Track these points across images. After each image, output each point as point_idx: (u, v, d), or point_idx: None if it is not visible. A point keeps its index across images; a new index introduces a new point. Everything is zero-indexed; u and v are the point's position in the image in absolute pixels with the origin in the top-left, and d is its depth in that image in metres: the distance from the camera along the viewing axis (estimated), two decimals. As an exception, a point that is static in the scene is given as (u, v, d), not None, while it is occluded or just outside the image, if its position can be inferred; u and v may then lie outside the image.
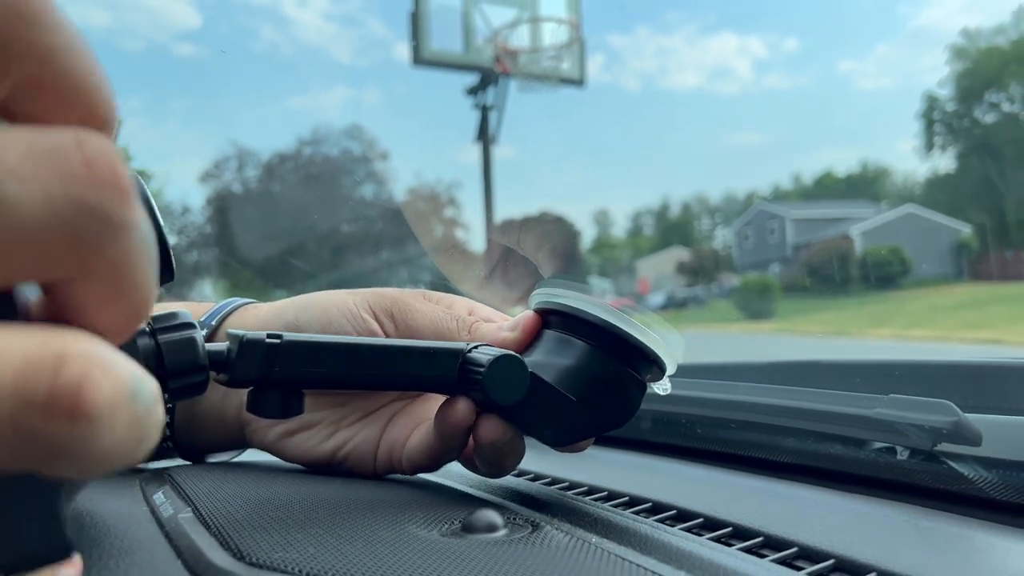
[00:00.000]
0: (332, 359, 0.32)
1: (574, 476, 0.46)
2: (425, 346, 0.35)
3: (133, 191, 0.15)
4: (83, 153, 0.15)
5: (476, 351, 0.35)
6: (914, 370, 0.51)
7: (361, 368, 0.33)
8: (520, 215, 23.55)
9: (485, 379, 0.33)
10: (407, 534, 0.30)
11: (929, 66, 68.03)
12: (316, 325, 0.42)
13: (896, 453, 0.42)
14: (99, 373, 0.14)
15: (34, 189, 0.14)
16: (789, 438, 0.47)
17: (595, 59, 77.74)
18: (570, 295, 0.37)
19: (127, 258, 0.15)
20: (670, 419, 0.54)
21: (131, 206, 0.15)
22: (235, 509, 0.32)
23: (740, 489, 0.44)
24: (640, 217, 60.18)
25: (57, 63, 0.15)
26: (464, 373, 0.34)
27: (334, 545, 0.28)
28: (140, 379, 0.15)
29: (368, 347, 0.33)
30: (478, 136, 8.28)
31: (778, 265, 27.51)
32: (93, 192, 0.14)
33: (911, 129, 47.30)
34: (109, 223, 0.15)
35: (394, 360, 0.34)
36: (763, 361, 0.62)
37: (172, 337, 0.29)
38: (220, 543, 0.28)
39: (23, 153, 0.14)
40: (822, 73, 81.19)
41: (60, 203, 0.14)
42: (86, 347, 0.14)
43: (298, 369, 0.32)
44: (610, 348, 0.36)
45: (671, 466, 0.51)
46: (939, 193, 35.01)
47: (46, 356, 0.14)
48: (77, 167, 0.14)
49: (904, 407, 0.41)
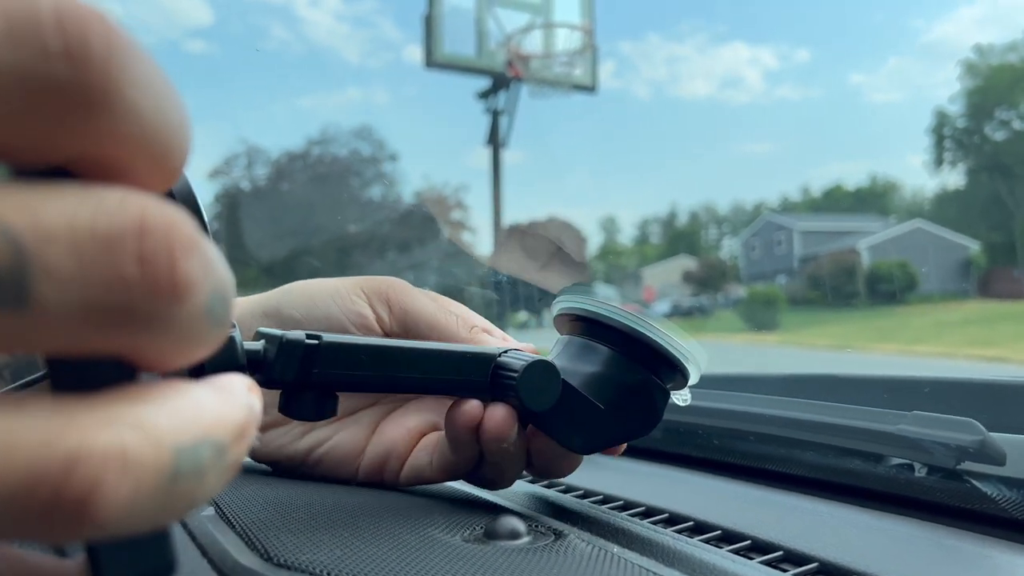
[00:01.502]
0: (369, 361, 0.32)
1: (590, 485, 0.46)
2: (459, 350, 0.35)
3: (193, 278, 0.13)
4: (142, 247, 0.12)
5: (507, 356, 0.34)
6: (934, 387, 0.50)
7: (397, 371, 0.33)
8: (527, 219, 23.58)
9: (519, 384, 0.33)
10: (431, 538, 0.30)
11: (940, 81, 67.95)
12: (299, 309, 0.40)
13: (914, 470, 0.42)
14: (114, 477, 0.12)
15: (70, 291, 0.12)
16: (808, 452, 0.47)
17: (606, 65, 77.88)
18: (595, 301, 0.37)
19: (179, 336, 0.13)
20: (687, 430, 0.54)
21: (187, 300, 0.13)
22: (257, 509, 0.32)
23: (758, 502, 0.44)
24: (647, 225, 60.16)
25: (140, 119, 0.13)
26: (496, 378, 0.34)
27: (359, 548, 0.28)
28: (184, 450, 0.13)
29: (404, 350, 0.33)
30: (488, 140, 8.29)
31: (784, 277, 27.47)
32: (142, 299, 0.12)
33: (921, 144, 47.29)
34: (154, 323, 0.13)
35: (429, 363, 0.34)
36: (780, 374, 0.62)
37: None
38: (246, 543, 0.28)
39: (65, 237, 0.12)
40: (833, 85, 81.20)
41: (96, 312, 0.12)
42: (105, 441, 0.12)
43: (336, 371, 0.32)
44: (636, 355, 0.36)
45: (688, 477, 0.51)
46: (948, 209, 34.95)
47: (52, 458, 0.11)
48: (130, 267, 0.12)
49: (928, 424, 0.41)
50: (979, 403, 0.47)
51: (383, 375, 0.33)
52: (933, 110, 34.60)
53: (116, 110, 0.12)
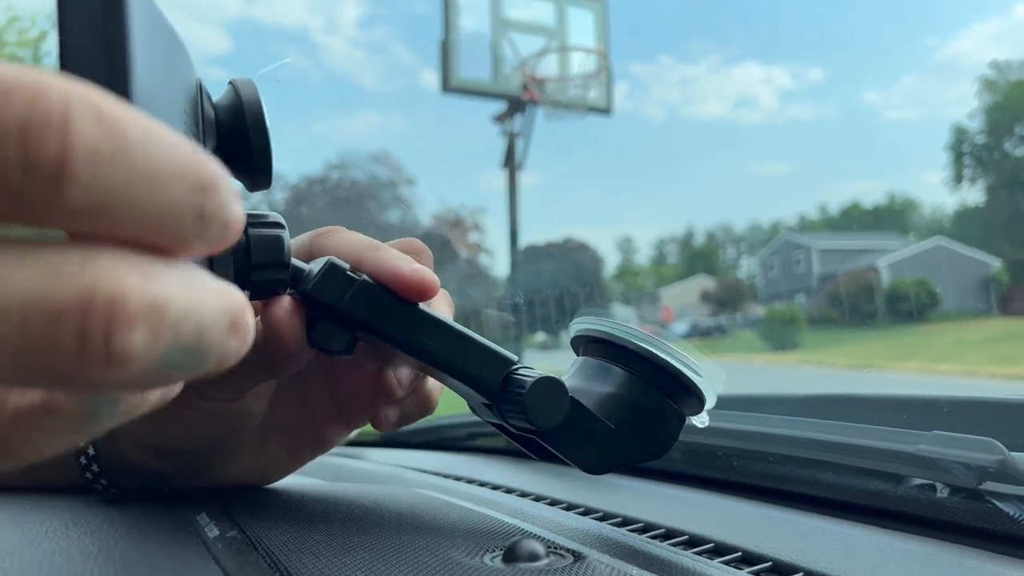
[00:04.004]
0: (398, 313, 0.32)
1: (608, 507, 0.46)
2: (484, 343, 0.35)
3: (131, 350, 0.14)
4: (82, 323, 0.13)
5: (522, 370, 0.35)
6: (953, 407, 0.50)
7: (418, 333, 0.33)
8: (544, 241, 23.62)
9: (526, 399, 0.33)
10: (451, 560, 0.30)
11: (955, 98, 67.65)
12: None
13: (936, 490, 0.41)
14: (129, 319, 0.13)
15: (12, 356, 0.13)
16: (827, 472, 0.47)
17: (619, 87, 78.11)
18: (610, 323, 0.37)
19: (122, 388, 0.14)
20: (705, 451, 0.54)
21: (124, 369, 0.14)
22: (279, 530, 0.33)
23: (777, 523, 0.44)
24: (664, 245, 60.07)
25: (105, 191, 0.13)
26: (506, 384, 0.34)
27: (382, 571, 0.28)
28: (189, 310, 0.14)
29: (433, 318, 0.33)
30: (504, 163, 8.33)
31: (803, 296, 27.30)
32: (77, 368, 0.13)
33: (939, 161, 46.96)
34: (91, 384, 0.14)
35: (452, 341, 0.34)
36: (798, 393, 0.62)
37: (262, 232, 0.30)
38: (269, 565, 0.28)
39: (17, 310, 0.13)
40: (847, 103, 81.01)
41: (36, 374, 0.13)
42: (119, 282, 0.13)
43: (364, 309, 0.32)
44: (650, 377, 0.36)
45: (707, 498, 0.51)
46: (969, 226, 34.66)
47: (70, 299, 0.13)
48: (68, 341, 0.13)
49: (948, 444, 0.40)
50: (999, 422, 0.47)
51: (405, 332, 0.33)
52: (951, 127, 34.45)
53: (71, 185, 0.13)
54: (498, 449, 0.73)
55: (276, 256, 0.30)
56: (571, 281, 9.66)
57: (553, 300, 2.48)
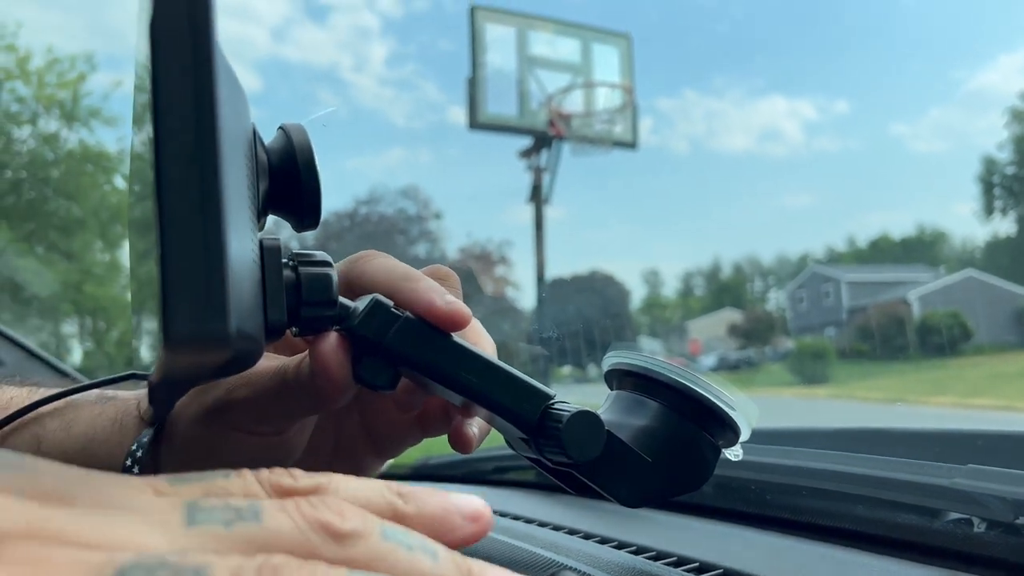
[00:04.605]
0: (438, 349, 0.33)
1: (643, 541, 0.47)
2: (523, 378, 0.35)
3: None
4: None
5: (559, 404, 0.35)
6: (988, 440, 0.50)
7: (459, 367, 0.34)
8: (571, 274, 23.57)
9: (563, 433, 0.34)
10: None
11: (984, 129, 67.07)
12: None
13: (973, 525, 0.41)
14: None
15: None
16: (860, 507, 0.46)
17: (644, 122, 78.35)
18: (645, 356, 0.38)
19: None
20: (739, 485, 0.54)
21: None
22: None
23: (811, 557, 0.44)
24: (691, 278, 59.77)
25: None
26: (544, 418, 0.35)
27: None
28: None
29: (472, 353, 0.34)
30: (530, 197, 8.37)
31: (833, 329, 26.98)
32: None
33: (968, 192, 46.53)
34: None
35: (491, 376, 0.34)
36: (830, 427, 0.62)
37: (311, 271, 0.32)
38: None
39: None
40: (874, 136, 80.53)
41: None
42: None
43: (406, 345, 0.33)
44: (685, 410, 0.37)
45: (740, 532, 0.51)
46: (1000, 257, 34.18)
47: None
48: None
49: (984, 478, 0.40)
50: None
51: (445, 368, 0.34)
52: (981, 157, 34.09)
53: None
54: (528, 483, 0.74)
55: (325, 294, 0.32)
56: (598, 314, 9.64)
57: (581, 333, 2.48)
